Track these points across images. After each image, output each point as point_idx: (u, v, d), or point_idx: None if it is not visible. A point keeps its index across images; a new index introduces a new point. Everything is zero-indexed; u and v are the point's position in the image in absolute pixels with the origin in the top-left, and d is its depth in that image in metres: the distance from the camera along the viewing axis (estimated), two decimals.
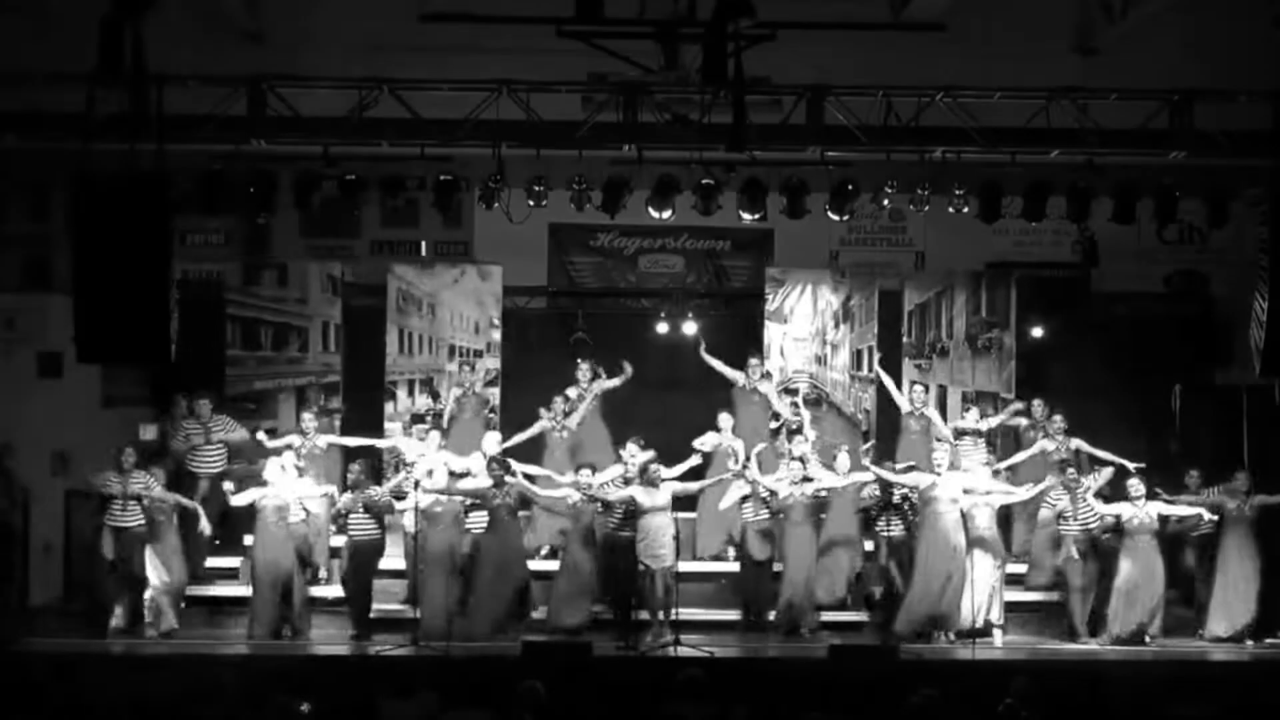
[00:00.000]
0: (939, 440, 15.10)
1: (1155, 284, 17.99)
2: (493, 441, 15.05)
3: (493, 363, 16.94)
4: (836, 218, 15.19)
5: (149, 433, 17.07)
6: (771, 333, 17.14)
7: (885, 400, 16.43)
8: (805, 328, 17.16)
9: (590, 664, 12.62)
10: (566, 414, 15.63)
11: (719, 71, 11.51)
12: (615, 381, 15.84)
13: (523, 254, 17.06)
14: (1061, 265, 17.73)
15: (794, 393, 16.59)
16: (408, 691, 10.23)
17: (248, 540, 14.55)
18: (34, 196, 17.08)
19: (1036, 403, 15.79)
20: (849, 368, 17.06)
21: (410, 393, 16.88)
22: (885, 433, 16.41)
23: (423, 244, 18.00)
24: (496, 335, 17.05)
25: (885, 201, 15.49)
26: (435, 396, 16.73)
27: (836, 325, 17.13)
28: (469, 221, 17.34)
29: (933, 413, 15.93)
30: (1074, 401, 17.03)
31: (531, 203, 14.87)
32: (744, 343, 16.79)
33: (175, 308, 11.78)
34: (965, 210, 14.95)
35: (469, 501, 14.38)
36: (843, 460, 14.76)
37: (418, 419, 16.26)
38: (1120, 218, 14.80)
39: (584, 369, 15.89)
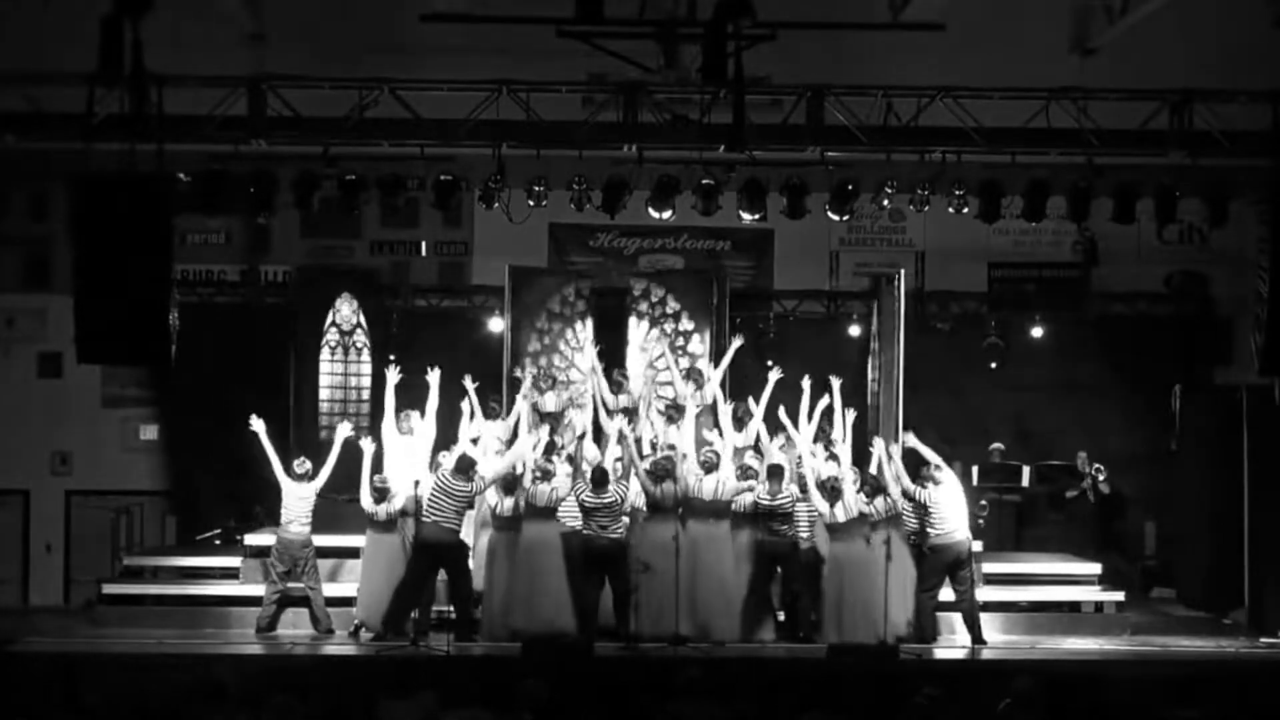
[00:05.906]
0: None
1: (1155, 284, 18.01)
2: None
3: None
4: (836, 218, 15.20)
5: (149, 433, 17.10)
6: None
7: None
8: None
9: (590, 664, 12.62)
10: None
11: (719, 71, 11.48)
12: None
13: (523, 254, 17.08)
14: (1061, 265, 17.75)
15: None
16: (407, 691, 10.22)
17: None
18: (34, 196, 17.13)
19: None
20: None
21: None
22: None
23: (423, 244, 18.03)
24: None
25: (885, 201, 15.51)
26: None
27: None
28: (469, 221, 17.40)
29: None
30: (1074, 401, 17.06)
31: (531, 203, 14.90)
32: None
33: (175, 307, 11.78)
34: (965, 210, 14.95)
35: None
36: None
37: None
38: (1120, 218, 14.79)
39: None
